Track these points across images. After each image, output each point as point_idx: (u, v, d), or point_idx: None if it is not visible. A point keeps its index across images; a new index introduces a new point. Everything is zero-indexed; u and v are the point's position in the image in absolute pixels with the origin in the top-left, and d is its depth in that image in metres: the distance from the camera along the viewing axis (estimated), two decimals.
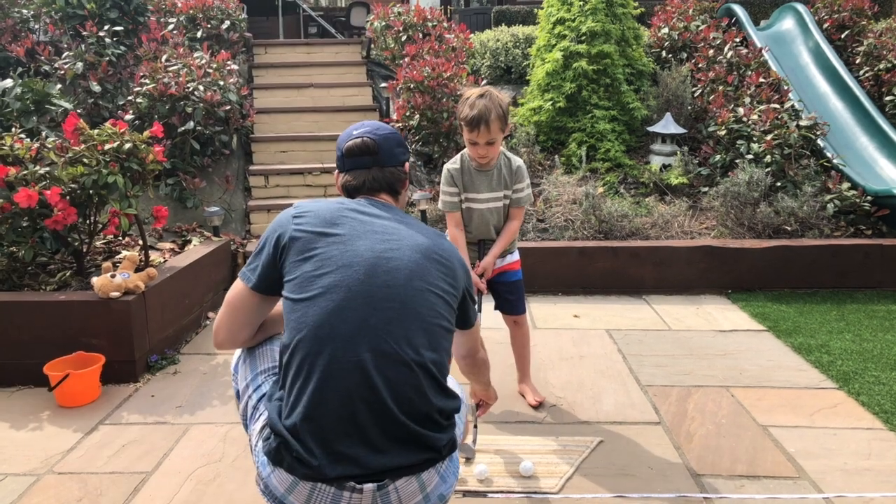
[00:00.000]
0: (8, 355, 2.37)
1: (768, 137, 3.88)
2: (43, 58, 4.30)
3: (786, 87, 4.39)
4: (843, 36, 5.05)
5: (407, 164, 1.38)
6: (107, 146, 2.53)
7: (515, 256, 2.18)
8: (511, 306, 2.18)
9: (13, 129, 2.77)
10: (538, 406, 2.22)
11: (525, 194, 2.08)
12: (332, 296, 1.14)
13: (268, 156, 4.44)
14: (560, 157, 4.35)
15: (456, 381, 1.37)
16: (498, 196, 2.05)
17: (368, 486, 1.09)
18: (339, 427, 1.10)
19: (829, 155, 3.94)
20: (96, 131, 2.58)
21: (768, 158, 3.82)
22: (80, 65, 4.16)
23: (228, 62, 4.36)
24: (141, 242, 2.86)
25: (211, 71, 4.07)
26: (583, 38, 4.43)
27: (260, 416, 1.23)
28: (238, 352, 1.43)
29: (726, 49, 4.71)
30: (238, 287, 1.29)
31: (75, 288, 2.55)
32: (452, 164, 2.07)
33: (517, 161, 2.08)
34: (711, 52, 4.74)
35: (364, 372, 1.10)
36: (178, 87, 3.79)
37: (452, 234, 2.06)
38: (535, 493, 1.74)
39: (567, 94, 4.38)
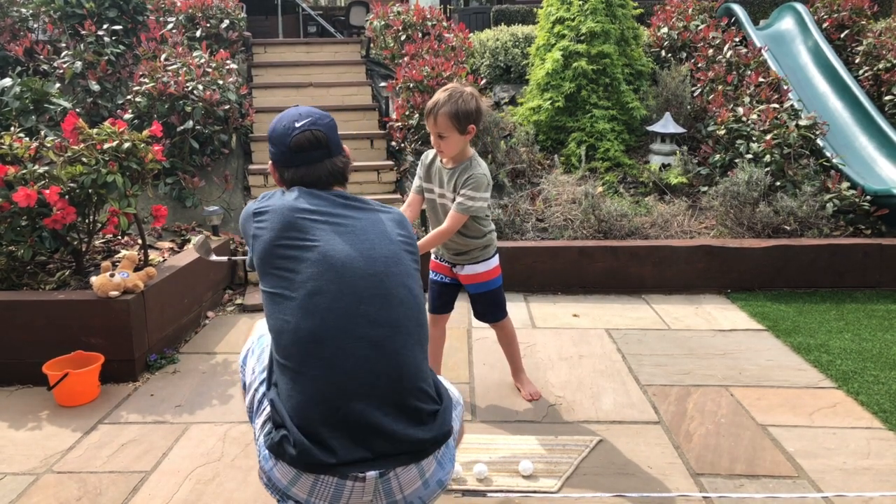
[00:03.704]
0: (7, 354, 2.37)
1: (768, 137, 3.87)
2: (42, 57, 4.29)
3: (785, 87, 4.39)
4: (842, 35, 5.04)
5: (347, 148, 1.38)
6: (106, 145, 2.52)
7: (488, 266, 2.11)
8: (484, 317, 2.20)
9: (12, 129, 2.75)
10: (532, 400, 2.23)
11: (464, 203, 1.94)
12: (321, 296, 1.16)
13: (267, 155, 4.42)
14: (559, 157, 4.35)
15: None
16: (445, 194, 2.04)
17: (371, 474, 1.11)
18: (346, 417, 1.12)
19: (828, 154, 3.93)
20: (95, 130, 2.57)
21: (767, 158, 3.81)
22: (78, 64, 4.14)
23: (227, 61, 4.34)
24: (140, 241, 2.85)
25: (210, 70, 4.06)
26: (582, 37, 4.43)
27: (263, 410, 1.24)
28: (248, 343, 1.44)
29: (726, 49, 4.70)
30: None
31: (74, 287, 2.54)
32: (429, 151, 2.10)
33: (477, 170, 1.96)
34: (711, 51, 4.73)
35: (368, 361, 1.14)
36: (177, 87, 3.79)
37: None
38: (535, 492, 1.73)
39: (566, 93, 4.37)
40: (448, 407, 1.24)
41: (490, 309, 2.18)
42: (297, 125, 1.29)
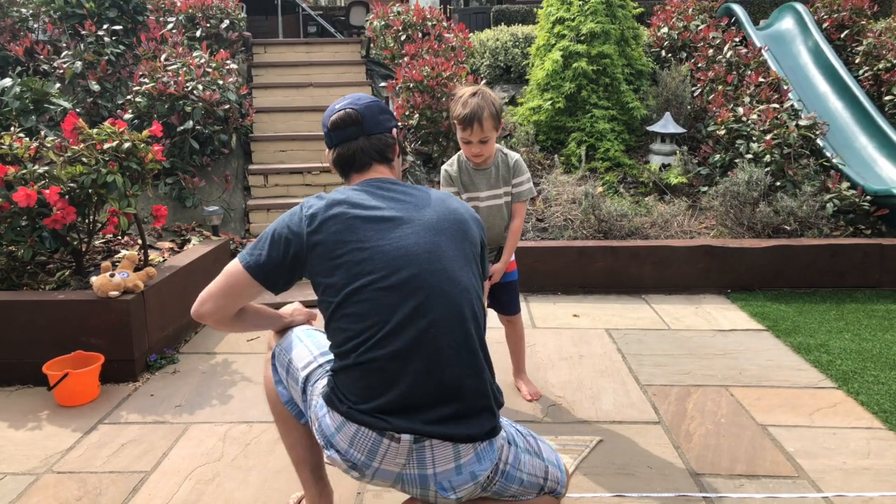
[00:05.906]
0: (7, 354, 2.37)
1: (768, 137, 3.87)
2: (42, 57, 4.29)
3: (785, 87, 4.39)
4: (842, 35, 5.04)
5: (395, 131, 1.41)
6: (106, 145, 2.51)
7: (510, 257, 2.18)
8: (505, 307, 2.20)
9: (12, 129, 2.75)
10: (533, 400, 2.23)
11: (525, 188, 2.08)
12: (396, 276, 1.19)
13: (267, 155, 4.43)
14: (559, 157, 4.34)
15: None
16: (498, 193, 2.06)
17: (406, 437, 1.16)
18: (427, 397, 1.17)
19: (828, 154, 3.94)
20: (95, 130, 2.57)
21: (768, 158, 3.81)
22: (78, 64, 4.15)
23: (227, 61, 4.34)
24: (140, 242, 2.85)
25: (210, 70, 4.06)
26: (582, 38, 4.43)
27: (318, 381, 1.31)
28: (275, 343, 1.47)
29: (726, 49, 4.70)
30: (236, 266, 1.29)
31: (74, 287, 2.54)
32: (449, 165, 2.08)
33: (514, 156, 2.07)
34: (711, 51, 4.73)
35: (444, 351, 1.18)
36: (177, 87, 3.78)
37: None
38: None
39: (567, 93, 4.37)
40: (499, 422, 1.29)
41: (512, 299, 2.19)
42: (337, 107, 1.37)
